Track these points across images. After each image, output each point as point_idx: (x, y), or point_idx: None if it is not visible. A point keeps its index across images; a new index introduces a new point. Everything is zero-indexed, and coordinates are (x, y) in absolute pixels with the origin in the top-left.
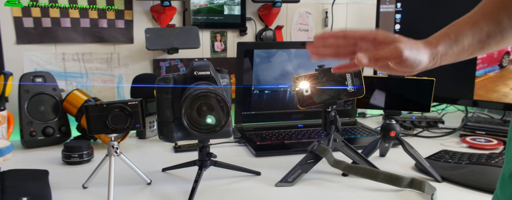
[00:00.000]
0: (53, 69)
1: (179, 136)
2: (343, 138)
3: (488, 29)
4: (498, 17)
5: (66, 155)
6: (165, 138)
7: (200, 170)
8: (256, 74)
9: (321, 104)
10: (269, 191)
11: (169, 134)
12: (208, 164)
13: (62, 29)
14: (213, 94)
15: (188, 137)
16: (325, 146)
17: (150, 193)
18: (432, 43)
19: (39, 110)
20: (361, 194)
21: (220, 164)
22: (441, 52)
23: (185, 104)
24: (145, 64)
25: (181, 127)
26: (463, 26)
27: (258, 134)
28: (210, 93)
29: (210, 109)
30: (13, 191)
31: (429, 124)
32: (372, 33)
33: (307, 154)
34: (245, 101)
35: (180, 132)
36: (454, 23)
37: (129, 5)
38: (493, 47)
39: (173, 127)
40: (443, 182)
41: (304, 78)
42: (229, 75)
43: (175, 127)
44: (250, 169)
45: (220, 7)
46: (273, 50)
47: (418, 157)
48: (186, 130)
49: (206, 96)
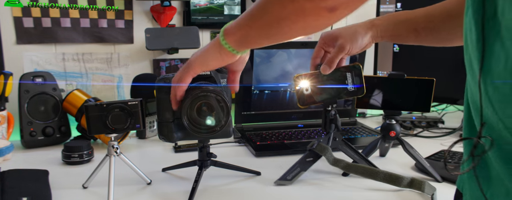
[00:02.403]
0: (53, 69)
1: (179, 136)
2: (343, 138)
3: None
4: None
5: (66, 155)
6: (165, 138)
7: (200, 170)
8: (256, 74)
9: (321, 103)
10: (269, 191)
11: (169, 134)
12: (208, 164)
13: (62, 29)
14: (213, 94)
15: (188, 137)
16: (325, 145)
17: (150, 193)
18: (374, 24)
19: (39, 110)
20: (361, 194)
21: (220, 164)
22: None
23: (185, 104)
24: (145, 64)
25: (181, 127)
26: (403, 15)
27: (258, 134)
28: (210, 93)
29: (210, 109)
30: (13, 191)
31: (429, 124)
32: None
33: (306, 152)
34: (245, 101)
35: (180, 132)
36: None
37: (129, 5)
38: (425, 39)
39: (173, 127)
40: (443, 182)
41: (305, 76)
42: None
43: (175, 127)
44: (250, 169)
45: (220, 7)
46: (273, 50)
47: (418, 157)
48: (186, 130)
49: (206, 96)
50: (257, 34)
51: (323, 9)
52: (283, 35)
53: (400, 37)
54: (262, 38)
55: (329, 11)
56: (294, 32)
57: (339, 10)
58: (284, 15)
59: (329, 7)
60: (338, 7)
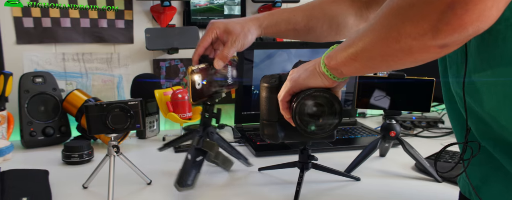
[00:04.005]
0: (53, 69)
1: (282, 136)
2: (216, 130)
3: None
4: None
5: (66, 155)
6: (269, 138)
7: (302, 172)
8: (256, 74)
9: (209, 98)
10: (262, 193)
11: (274, 134)
12: (309, 167)
13: (62, 29)
14: (327, 94)
15: (290, 138)
16: (212, 141)
17: (150, 193)
18: (260, 22)
19: (39, 110)
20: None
21: (321, 167)
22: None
23: (298, 103)
24: (145, 64)
25: (284, 128)
26: (285, 13)
27: (258, 134)
28: (323, 94)
29: (321, 110)
30: (13, 191)
31: (429, 124)
32: None
33: (192, 152)
34: (245, 101)
35: (283, 132)
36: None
37: (129, 5)
38: (304, 37)
39: (277, 127)
40: (443, 182)
41: (200, 70)
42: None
43: (278, 126)
44: (350, 175)
45: (220, 7)
46: (273, 50)
47: (418, 157)
48: (289, 131)
49: (319, 97)
50: (362, 66)
51: (433, 47)
52: (389, 68)
53: (280, 33)
54: (367, 69)
55: (439, 47)
56: (400, 66)
57: (451, 46)
58: (389, 52)
59: (439, 45)
60: (450, 44)
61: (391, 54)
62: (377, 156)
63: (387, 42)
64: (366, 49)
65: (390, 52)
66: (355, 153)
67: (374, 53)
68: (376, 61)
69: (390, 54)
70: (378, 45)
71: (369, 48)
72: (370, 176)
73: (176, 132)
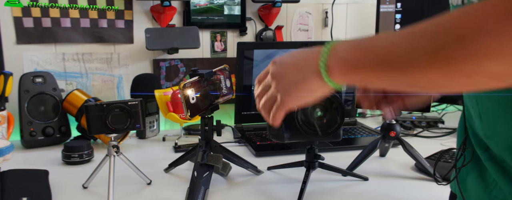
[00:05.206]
0: (53, 69)
1: (288, 136)
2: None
3: None
4: None
5: (66, 155)
6: (275, 137)
7: (308, 171)
8: (256, 74)
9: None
10: (269, 191)
11: (280, 134)
12: (316, 166)
13: (62, 29)
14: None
15: (296, 137)
16: (217, 154)
17: (150, 193)
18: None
19: (39, 110)
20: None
21: (327, 166)
22: None
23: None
24: (145, 64)
25: (291, 127)
26: None
27: (258, 134)
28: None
29: (323, 111)
30: (13, 191)
31: (429, 124)
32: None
33: (197, 169)
34: (245, 101)
35: (289, 132)
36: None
37: (129, 5)
38: None
39: (283, 127)
40: (443, 182)
41: (191, 84)
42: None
43: (285, 127)
44: (358, 174)
45: (220, 7)
46: (273, 50)
47: (418, 157)
48: (295, 131)
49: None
50: (389, 84)
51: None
52: (419, 91)
53: None
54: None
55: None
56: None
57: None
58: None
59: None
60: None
61: (431, 81)
62: (377, 156)
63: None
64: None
65: (430, 79)
66: (355, 153)
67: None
68: (417, 87)
69: (431, 81)
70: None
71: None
72: (370, 176)
73: (176, 132)
